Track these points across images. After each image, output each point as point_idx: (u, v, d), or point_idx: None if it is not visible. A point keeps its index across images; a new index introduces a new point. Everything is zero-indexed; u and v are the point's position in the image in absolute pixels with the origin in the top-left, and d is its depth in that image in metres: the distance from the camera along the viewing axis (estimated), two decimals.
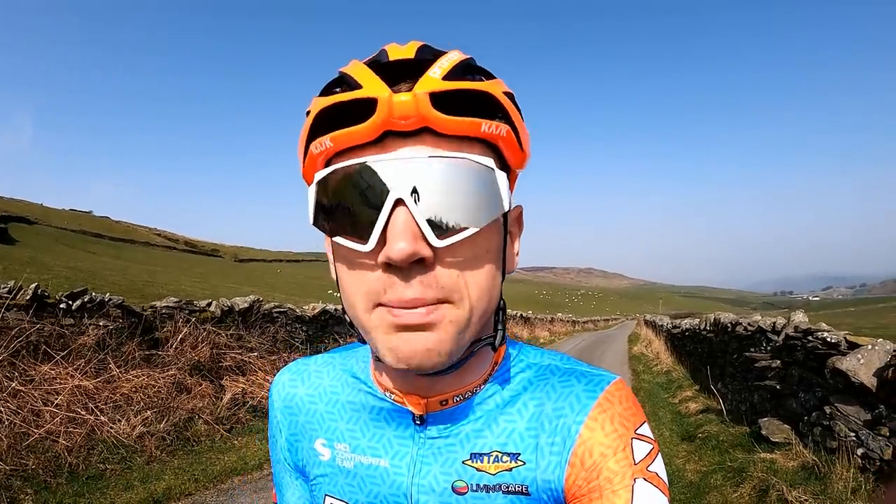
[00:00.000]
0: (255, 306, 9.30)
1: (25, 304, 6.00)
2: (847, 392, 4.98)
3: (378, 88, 0.58)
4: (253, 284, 33.18)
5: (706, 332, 11.14)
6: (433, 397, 0.71)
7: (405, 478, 0.72)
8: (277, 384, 0.86)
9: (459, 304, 0.61)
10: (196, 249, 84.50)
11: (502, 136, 0.62)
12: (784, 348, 6.42)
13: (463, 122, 0.59)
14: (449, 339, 0.61)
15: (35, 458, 4.76)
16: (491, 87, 0.62)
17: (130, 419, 5.87)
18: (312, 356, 0.89)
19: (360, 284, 0.62)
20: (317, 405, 0.81)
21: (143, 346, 7.13)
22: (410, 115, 0.57)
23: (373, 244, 0.58)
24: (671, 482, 5.77)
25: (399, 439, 0.74)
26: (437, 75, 0.59)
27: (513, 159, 0.67)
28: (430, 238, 0.57)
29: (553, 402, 0.71)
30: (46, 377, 5.65)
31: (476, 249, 0.62)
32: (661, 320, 23.74)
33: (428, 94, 0.57)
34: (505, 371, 0.76)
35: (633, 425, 0.69)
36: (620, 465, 0.65)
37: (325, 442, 0.79)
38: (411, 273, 0.58)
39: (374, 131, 0.58)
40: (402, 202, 0.57)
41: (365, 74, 0.60)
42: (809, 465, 5.05)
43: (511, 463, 0.69)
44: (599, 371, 0.75)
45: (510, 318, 27.38)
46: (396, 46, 0.64)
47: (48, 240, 38.46)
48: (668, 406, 10.08)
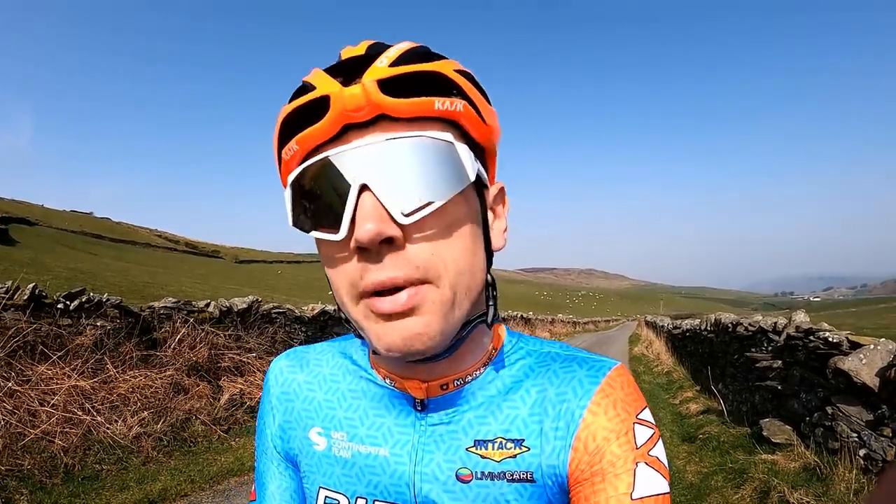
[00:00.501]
0: (254, 307, 9.27)
1: (23, 304, 5.97)
2: (849, 392, 4.93)
3: (329, 86, 0.60)
4: (253, 285, 33.21)
5: (707, 333, 11.11)
6: (433, 381, 0.71)
7: (406, 466, 0.71)
8: (275, 369, 0.85)
9: (439, 283, 0.61)
10: (197, 251, 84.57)
11: (459, 111, 0.62)
12: (785, 348, 6.38)
13: (415, 103, 0.59)
14: (436, 321, 0.60)
15: (31, 459, 4.73)
16: (441, 67, 0.62)
17: (127, 420, 5.84)
18: (310, 345, 0.88)
19: (342, 277, 0.62)
20: (315, 393, 0.80)
21: (141, 346, 7.09)
22: (362, 105, 0.59)
23: (344, 232, 0.59)
24: (672, 483, 5.71)
25: (399, 427, 0.73)
26: (383, 64, 0.60)
27: (477, 134, 0.66)
28: (397, 217, 0.58)
29: (556, 387, 0.71)
30: (43, 377, 5.62)
31: (447, 224, 0.62)
32: (662, 321, 23.72)
33: (375, 82, 0.58)
34: (505, 357, 0.76)
35: (634, 410, 0.69)
36: (623, 449, 0.65)
37: (321, 431, 0.77)
38: (382, 254, 0.59)
39: (332, 126, 0.60)
40: (366, 187, 0.58)
41: (319, 77, 0.62)
42: (811, 466, 5.00)
43: (515, 449, 0.69)
44: (600, 357, 0.75)
45: (511, 320, 27.36)
46: (349, 47, 0.66)
47: (49, 241, 38.50)
48: (668, 407, 10.04)
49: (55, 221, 57.56)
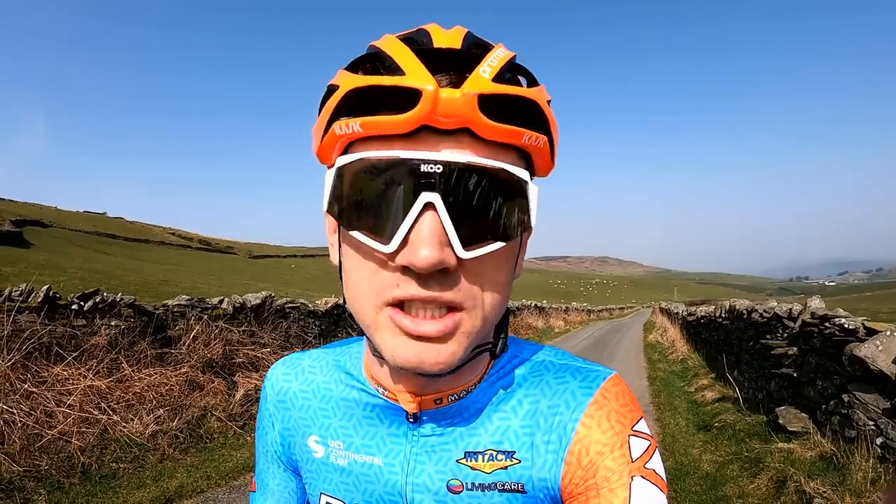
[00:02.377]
0: (268, 302, 9.32)
1: (37, 306, 6.03)
2: (865, 380, 4.87)
3: (423, 79, 0.54)
4: (267, 280, 33.40)
5: (721, 320, 11.02)
6: (427, 396, 0.69)
7: (399, 476, 0.71)
8: (272, 377, 0.85)
9: (472, 313, 0.59)
10: (211, 247, 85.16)
11: (540, 147, 0.60)
12: (800, 335, 6.31)
13: (507, 131, 0.56)
14: (461, 351, 0.60)
15: (48, 459, 4.79)
16: (537, 96, 0.59)
17: (143, 418, 5.90)
18: (307, 351, 0.87)
19: (372, 280, 0.59)
20: (310, 401, 0.80)
21: (156, 344, 7.15)
22: (455, 114, 0.54)
23: (395, 245, 0.55)
24: (687, 473, 5.70)
25: (392, 437, 0.72)
26: (486, 75, 0.55)
27: (542, 169, 0.65)
28: (457, 248, 0.55)
29: (548, 399, 0.70)
30: (59, 378, 5.68)
31: (497, 262, 0.60)
32: (677, 308, 23.60)
33: (477, 96, 0.54)
34: (499, 368, 0.74)
35: (629, 422, 0.67)
36: (617, 463, 0.64)
37: (318, 439, 0.77)
38: (430, 279, 0.56)
39: (411, 124, 0.54)
40: (432, 206, 0.54)
41: (408, 59, 0.56)
42: (828, 454, 4.95)
43: (506, 461, 0.68)
44: (595, 367, 0.74)
45: (525, 309, 27.34)
46: (440, 30, 0.61)
47: (63, 242, 38.89)
48: (684, 395, 9.98)
49: (69, 222, 58.10)
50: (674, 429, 7.55)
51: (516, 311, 25.82)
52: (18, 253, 23.15)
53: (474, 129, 0.55)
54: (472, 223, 0.55)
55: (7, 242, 27.62)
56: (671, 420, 8.02)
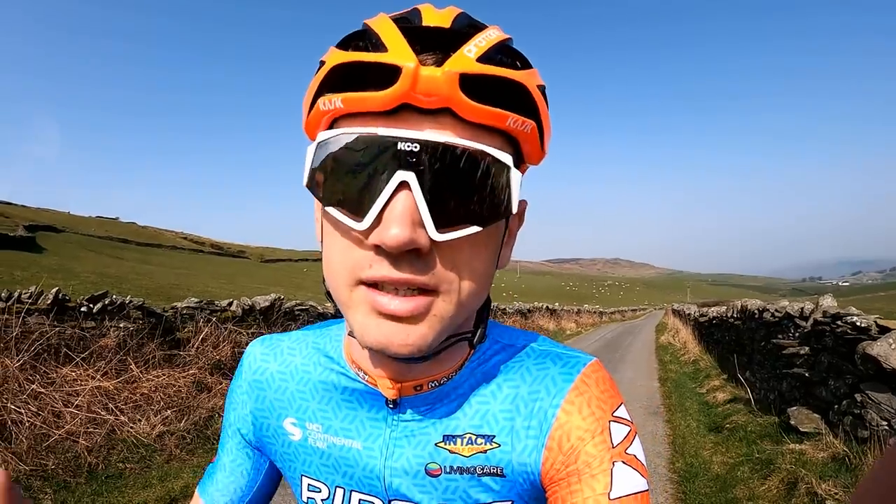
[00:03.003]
0: (277, 304, 9.33)
1: (46, 308, 6.06)
2: (878, 378, 4.78)
3: (405, 56, 0.53)
4: (279, 284, 33.56)
5: (733, 320, 10.92)
6: (407, 382, 0.69)
7: (378, 461, 0.71)
8: (250, 355, 0.84)
9: (446, 297, 0.58)
10: (222, 251, 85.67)
11: (526, 132, 0.58)
12: (812, 334, 6.23)
13: (489, 112, 0.54)
14: (431, 334, 0.58)
15: (55, 459, 4.81)
16: (525, 79, 0.57)
17: (150, 419, 5.91)
18: (287, 332, 0.86)
19: (346, 258, 0.58)
20: (287, 383, 0.79)
21: (164, 346, 7.17)
22: (435, 92, 0.53)
23: (368, 223, 0.54)
24: (697, 475, 5.63)
25: (372, 421, 0.72)
26: (471, 55, 0.54)
27: (531, 156, 0.63)
28: (430, 229, 0.54)
29: (529, 385, 0.70)
30: (67, 379, 5.71)
31: (474, 247, 0.59)
32: (689, 309, 23.44)
33: (458, 75, 0.53)
34: (480, 354, 0.74)
35: (610, 408, 0.68)
36: (598, 448, 0.64)
37: (294, 421, 0.77)
38: (403, 259, 0.55)
39: (391, 102, 0.53)
40: (407, 185, 0.53)
41: (393, 36, 0.55)
42: (840, 456, 4.86)
43: (486, 445, 0.68)
44: (576, 353, 0.74)
45: (536, 311, 27.27)
46: (432, 9, 0.60)
47: (75, 247, 39.29)
48: (695, 396, 9.88)
49: (81, 227, 58.68)
50: (685, 430, 7.47)
51: (528, 312, 25.76)
52: (31, 257, 23.41)
53: (455, 109, 0.54)
54: (448, 205, 0.54)
55: (20, 247, 27.95)
56: (682, 421, 7.94)
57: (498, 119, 0.55)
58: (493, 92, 0.55)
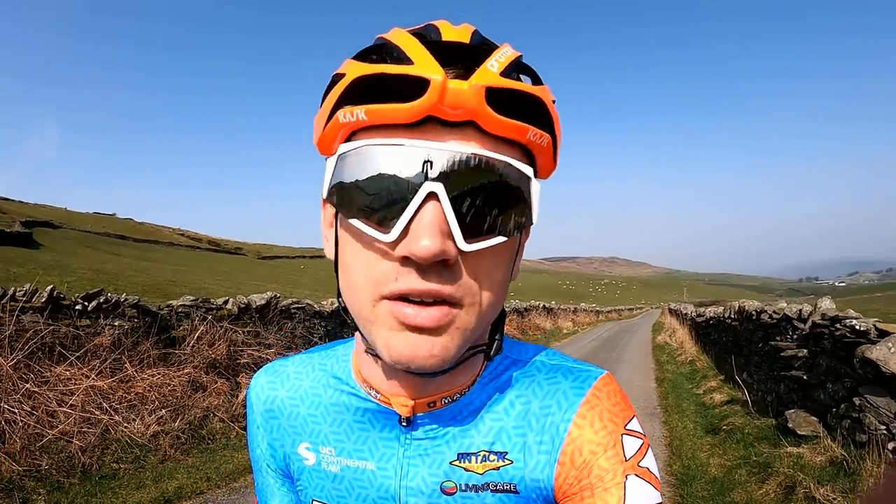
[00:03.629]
0: (273, 303, 9.29)
1: (41, 306, 6.03)
2: (877, 382, 4.77)
3: (432, 69, 0.54)
4: (276, 281, 33.48)
5: (730, 321, 10.90)
6: (421, 399, 0.69)
7: (392, 480, 0.71)
8: (255, 387, 0.83)
9: (469, 309, 0.59)
10: (220, 248, 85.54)
11: (543, 146, 0.60)
12: (811, 336, 6.22)
13: (512, 125, 0.56)
14: (454, 346, 0.59)
15: (49, 459, 4.78)
16: (543, 94, 0.59)
17: (145, 418, 5.89)
18: (289, 357, 0.86)
19: (369, 271, 0.58)
20: (298, 408, 0.78)
21: (159, 345, 7.14)
22: (462, 105, 0.54)
23: (396, 234, 0.54)
24: (694, 478, 5.62)
25: (384, 441, 0.72)
26: (494, 69, 0.55)
27: (544, 169, 0.65)
28: (458, 240, 0.54)
29: (540, 399, 0.70)
30: (61, 378, 5.68)
31: (496, 258, 0.60)
32: (686, 308, 23.44)
33: (484, 88, 0.54)
34: (491, 370, 0.74)
35: (622, 421, 0.68)
36: (611, 462, 0.64)
37: (309, 446, 0.76)
38: (430, 270, 0.55)
39: (418, 114, 0.54)
40: (435, 196, 0.54)
41: (417, 50, 0.56)
42: (838, 459, 4.85)
43: (498, 462, 0.68)
44: (586, 366, 0.74)
45: (533, 309, 27.28)
46: (449, 26, 0.61)
47: (72, 243, 39.17)
48: (692, 397, 9.87)
49: (78, 223, 58.49)
50: (681, 432, 7.46)
51: (524, 311, 25.75)
52: (28, 254, 23.33)
53: (480, 123, 0.55)
54: (475, 216, 0.55)
55: (17, 243, 27.85)
56: (679, 423, 7.93)
57: (520, 132, 0.57)
58: (514, 106, 0.56)
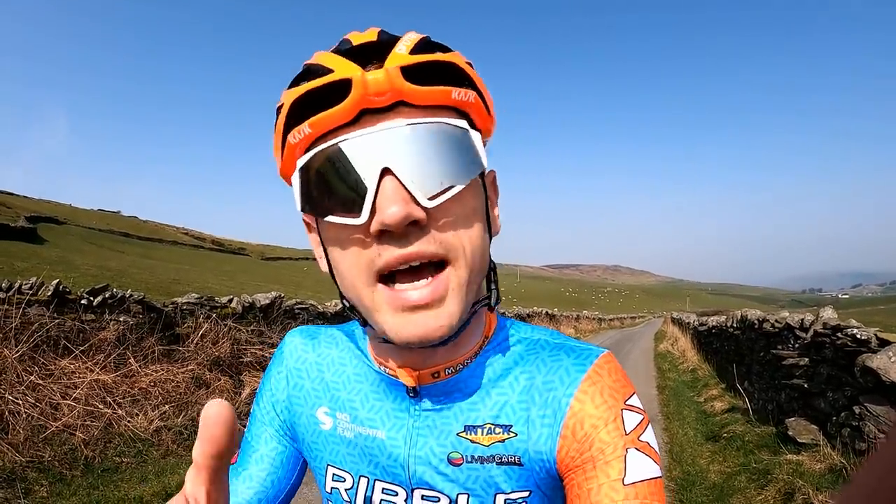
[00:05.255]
0: (277, 302, 9.33)
1: (46, 299, 6.07)
2: (877, 391, 4.78)
3: (350, 69, 0.61)
4: (279, 282, 33.51)
5: (733, 330, 10.89)
6: (425, 370, 0.72)
7: (402, 450, 0.74)
8: (289, 344, 0.88)
9: (458, 264, 0.64)
10: (223, 248, 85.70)
11: (471, 102, 0.66)
12: (812, 346, 6.22)
13: (435, 91, 0.62)
14: (457, 308, 0.64)
15: (51, 451, 4.81)
16: (454, 58, 0.65)
17: (148, 413, 5.91)
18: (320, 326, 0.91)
19: (357, 260, 0.63)
20: (324, 374, 0.83)
21: (163, 341, 7.18)
22: (385, 90, 0.60)
23: (366, 215, 0.60)
24: (694, 483, 5.62)
25: (396, 412, 0.76)
26: (403, 51, 0.62)
27: (481, 124, 0.69)
28: (421, 200, 0.60)
29: (543, 375, 0.73)
30: (65, 371, 5.71)
31: (465, 208, 0.65)
32: (688, 318, 23.38)
33: (399, 68, 0.60)
34: (496, 345, 0.77)
35: (622, 397, 0.70)
36: (612, 435, 0.66)
37: (327, 410, 0.80)
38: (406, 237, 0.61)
39: (351, 110, 0.60)
40: (388, 171, 0.60)
41: (333, 59, 0.63)
42: (837, 467, 4.85)
43: (503, 434, 0.71)
44: (588, 346, 0.77)
45: (536, 316, 27.25)
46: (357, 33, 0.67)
47: (76, 240, 39.30)
48: (693, 405, 9.86)
49: (83, 220, 58.68)
50: (682, 438, 7.46)
51: (527, 317, 25.73)
52: (32, 249, 23.41)
53: (407, 99, 0.61)
54: (428, 175, 0.61)
55: (21, 238, 27.96)
56: (679, 430, 7.93)
57: (444, 96, 0.63)
58: (431, 75, 0.62)
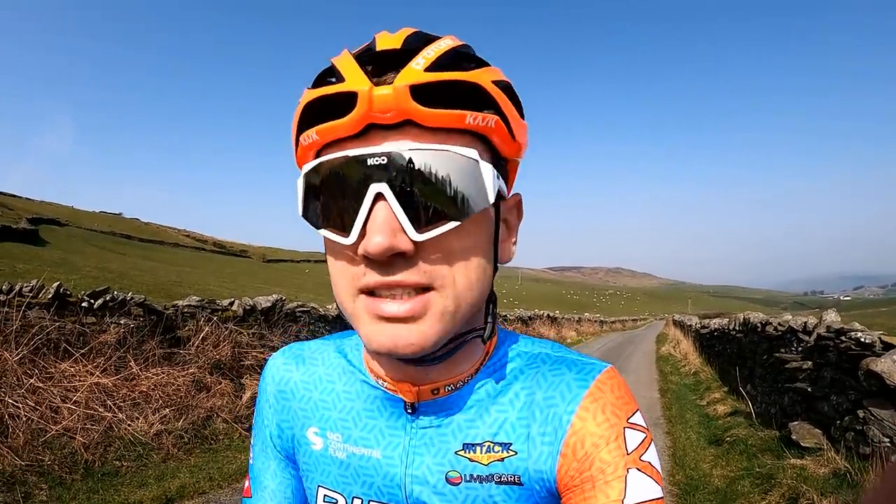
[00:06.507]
0: (278, 305, 9.31)
1: (47, 302, 6.06)
2: (882, 395, 4.75)
3: (359, 81, 0.58)
4: (281, 284, 33.52)
5: (735, 332, 10.87)
6: (425, 385, 0.70)
7: (398, 468, 0.71)
8: (272, 367, 0.85)
9: (443, 292, 0.60)
10: (225, 250, 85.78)
11: (490, 127, 0.61)
12: (815, 349, 6.19)
13: (445, 115, 0.58)
14: (433, 333, 0.60)
15: (51, 454, 4.79)
16: (478, 77, 0.60)
17: (148, 417, 5.89)
18: (307, 341, 0.88)
19: (344, 272, 0.62)
20: (311, 392, 0.80)
21: (164, 344, 7.16)
22: (390, 108, 0.57)
23: (354, 237, 0.59)
24: (697, 488, 5.59)
25: (391, 429, 0.73)
26: (419, 66, 0.58)
27: (505, 149, 0.65)
28: (410, 232, 0.57)
29: (544, 391, 0.70)
30: (66, 374, 5.70)
31: (462, 242, 0.61)
32: (690, 320, 23.37)
33: (408, 87, 0.56)
34: (496, 360, 0.75)
35: (625, 414, 0.67)
36: (613, 455, 0.64)
37: (317, 430, 0.77)
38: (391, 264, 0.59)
39: (356, 125, 0.58)
40: (381, 196, 0.57)
41: (349, 67, 0.60)
42: (841, 472, 4.83)
43: (503, 453, 0.69)
44: (590, 360, 0.74)
45: (537, 319, 27.22)
46: (386, 35, 0.63)
47: (78, 241, 39.37)
48: (695, 408, 9.84)
49: (85, 222, 58.79)
50: (685, 442, 7.43)
51: (528, 320, 25.71)
52: (34, 251, 23.44)
53: (415, 119, 0.57)
54: (423, 206, 0.57)
55: (23, 240, 27.99)
56: (682, 433, 7.90)
57: (456, 119, 0.58)
58: (446, 96, 0.58)
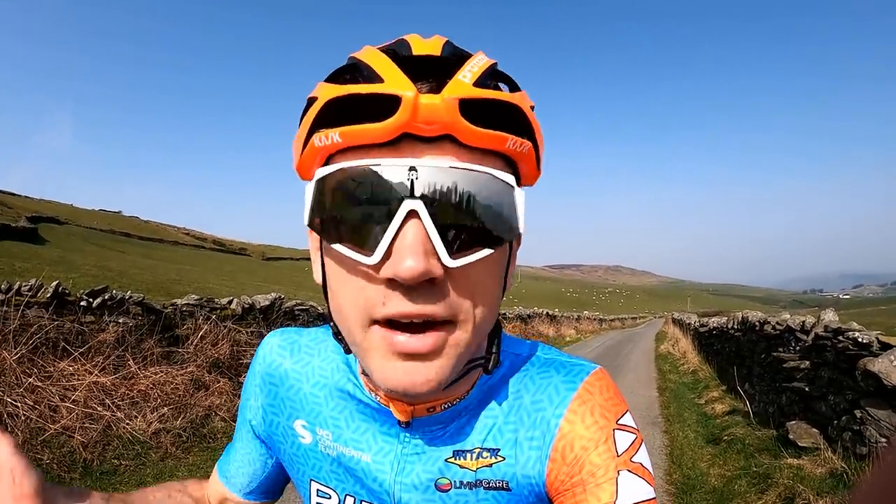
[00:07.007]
0: (277, 304, 9.32)
1: (46, 301, 6.06)
2: (879, 395, 4.75)
3: (403, 85, 0.52)
4: (280, 283, 33.53)
5: (733, 331, 10.88)
6: (420, 405, 0.68)
7: (388, 475, 0.70)
8: (266, 346, 0.83)
9: (463, 326, 0.58)
10: (224, 248, 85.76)
11: (524, 153, 0.58)
12: (813, 348, 6.20)
13: (490, 136, 0.54)
14: (450, 367, 0.58)
15: (50, 453, 4.80)
16: (520, 101, 0.58)
17: (147, 415, 5.90)
18: (305, 328, 0.85)
19: (357, 296, 0.57)
20: (301, 384, 0.77)
21: (163, 343, 7.15)
22: (436, 120, 0.52)
23: (379, 257, 0.53)
24: (694, 487, 5.60)
25: (384, 436, 0.71)
26: (467, 80, 0.54)
27: (528, 176, 0.64)
28: (443, 256, 0.53)
29: (531, 394, 0.69)
30: (64, 373, 5.70)
31: (487, 272, 0.59)
32: (689, 318, 23.39)
33: (458, 100, 0.52)
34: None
35: (614, 416, 0.66)
36: (603, 457, 0.63)
37: (305, 424, 0.76)
38: (417, 290, 0.54)
39: (391, 132, 0.52)
40: (415, 214, 0.52)
41: (387, 67, 0.55)
42: (838, 472, 4.83)
43: (491, 459, 0.68)
44: (579, 361, 0.73)
45: (536, 317, 27.23)
46: (419, 39, 0.59)
47: (77, 240, 39.34)
48: (693, 407, 9.84)
49: (84, 220, 58.75)
50: (682, 441, 7.44)
51: (528, 318, 25.71)
52: (33, 249, 23.42)
53: (456, 135, 0.53)
54: (458, 230, 0.54)
55: (22, 238, 27.98)
56: (680, 432, 7.91)
57: (498, 142, 0.55)
58: (491, 116, 0.55)
